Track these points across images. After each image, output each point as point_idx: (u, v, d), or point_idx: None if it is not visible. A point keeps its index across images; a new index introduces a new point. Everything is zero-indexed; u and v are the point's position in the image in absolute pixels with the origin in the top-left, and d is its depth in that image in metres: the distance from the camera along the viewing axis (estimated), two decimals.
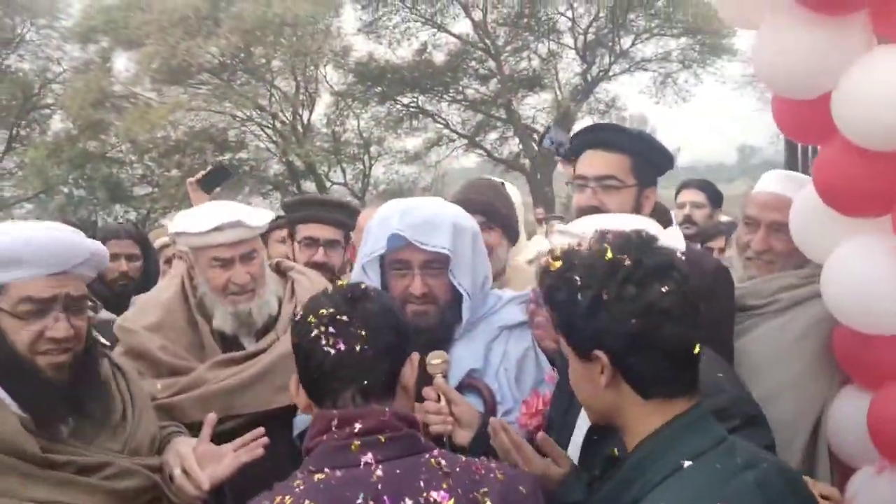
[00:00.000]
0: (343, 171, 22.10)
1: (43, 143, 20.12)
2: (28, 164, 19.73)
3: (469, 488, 1.40)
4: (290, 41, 18.65)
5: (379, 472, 1.38)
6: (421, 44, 21.85)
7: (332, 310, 1.49)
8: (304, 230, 2.99)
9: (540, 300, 2.23)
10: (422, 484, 1.38)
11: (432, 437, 1.87)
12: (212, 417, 2.04)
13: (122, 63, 20.47)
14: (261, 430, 2.01)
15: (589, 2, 20.80)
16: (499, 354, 2.18)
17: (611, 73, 22.34)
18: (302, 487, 1.37)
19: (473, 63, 22.27)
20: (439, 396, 1.97)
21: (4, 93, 20.52)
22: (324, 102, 21.71)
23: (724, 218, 4.34)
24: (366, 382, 1.47)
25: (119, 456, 1.86)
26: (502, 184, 3.34)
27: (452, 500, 1.37)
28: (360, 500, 1.33)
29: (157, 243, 3.87)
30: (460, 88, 22.52)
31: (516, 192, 3.31)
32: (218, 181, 3.32)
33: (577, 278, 1.37)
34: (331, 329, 1.47)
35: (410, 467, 1.40)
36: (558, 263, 1.41)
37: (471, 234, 2.17)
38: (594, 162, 2.35)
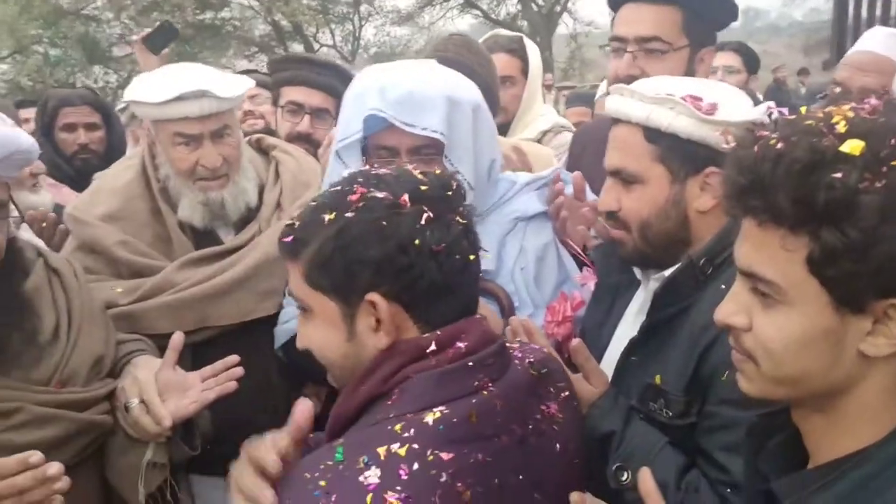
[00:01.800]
0: (332, 32, 21.11)
1: None
2: None
3: (547, 384, 1.22)
4: None
5: (497, 400, 1.12)
6: None
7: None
8: (289, 93, 2.54)
9: (566, 181, 1.92)
10: (531, 398, 1.17)
11: None
12: (178, 338, 1.69)
13: None
14: (235, 358, 1.69)
15: None
16: (514, 251, 1.85)
17: None
18: (413, 431, 1.04)
19: None
20: None
21: None
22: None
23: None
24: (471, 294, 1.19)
25: (40, 390, 1.53)
26: (521, 38, 2.95)
27: (555, 404, 1.19)
28: (491, 433, 1.08)
29: (124, 116, 3.47)
30: None
31: (536, 51, 2.90)
32: (166, 40, 2.95)
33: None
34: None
35: (516, 384, 1.16)
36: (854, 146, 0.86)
37: (470, 109, 1.77)
38: (634, 18, 1.95)
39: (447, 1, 21.88)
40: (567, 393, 1.29)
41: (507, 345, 1.26)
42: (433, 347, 1.12)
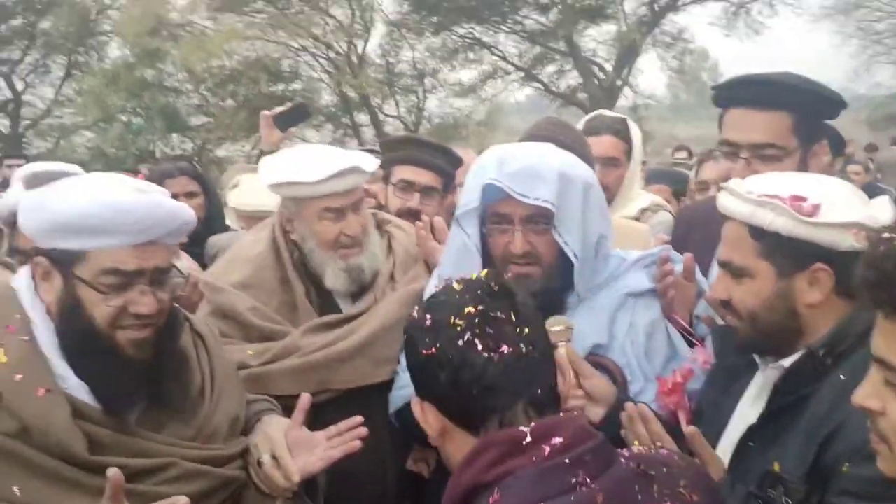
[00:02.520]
0: (396, 103, 21.73)
1: (101, 71, 20.16)
2: (87, 92, 19.83)
3: (671, 484, 1.19)
4: None
5: (598, 495, 1.12)
6: None
7: (480, 307, 1.22)
8: (401, 172, 2.72)
9: (674, 261, 2.00)
10: (639, 496, 1.15)
11: None
12: (306, 400, 1.81)
13: None
14: (358, 419, 1.79)
15: None
16: (624, 325, 1.94)
17: (679, 3, 21.21)
18: None
19: None
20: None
21: (62, 19, 20.53)
22: (379, 33, 21.26)
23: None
24: (539, 391, 1.22)
25: (189, 446, 1.64)
26: (624, 119, 3.06)
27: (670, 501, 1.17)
28: None
29: (230, 189, 3.68)
30: (519, 19, 21.71)
31: (638, 133, 3.01)
32: (296, 120, 3.11)
33: None
34: (488, 330, 1.20)
35: (621, 480, 1.17)
36: None
37: (581, 186, 1.91)
38: (746, 124, 1.98)
39: (508, 74, 22.43)
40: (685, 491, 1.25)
41: (637, 450, 1.28)
42: (529, 439, 1.15)
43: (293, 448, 1.73)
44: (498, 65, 22.15)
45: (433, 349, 1.22)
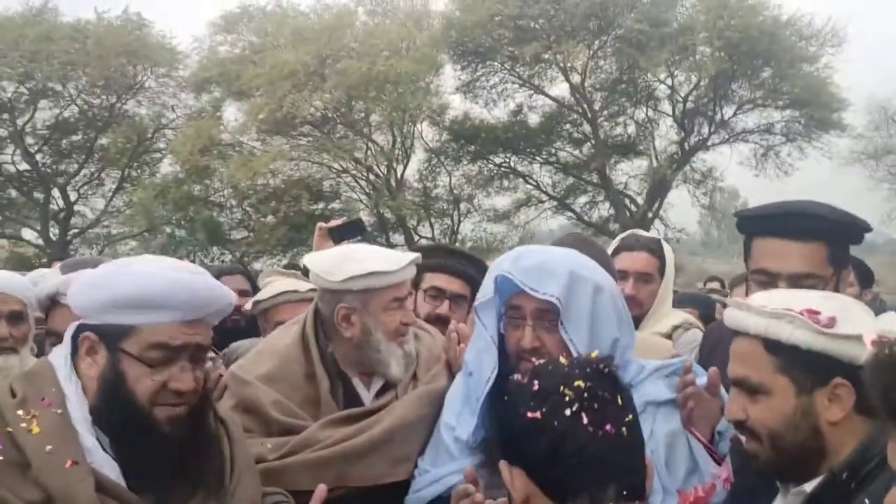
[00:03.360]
0: (431, 225, 22.26)
1: (151, 185, 21.12)
2: (136, 204, 20.72)
3: None
4: (389, 97, 19.13)
5: None
6: (517, 105, 22.05)
7: (589, 384, 1.23)
8: (433, 279, 2.81)
9: (697, 374, 2.00)
10: None
11: None
12: (322, 491, 1.83)
13: (232, 113, 21.54)
14: None
15: (690, 70, 20.53)
16: (644, 435, 1.94)
17: (709, 143, 21.85)
18: None
19: (568, 126, 22.26)
20: None
21: (121, 136, 21.77)
22: (417, 158, 22.12)
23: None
24: (632, 479, 1.21)
25: None
26: (660, 241, 3.13)
27: None
28: None
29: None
30: (553, 151, 22.51)
31: (671, 253, 3.09)
32: (352, 234, 3.21)
33: None
34: (595, 406, 1.21)
35: None
36: None
37: (591, 287, 1.94)
38: (784, 254, 1.98)
39: (542, 203, 22.96)
40: None
41: None
42: None
43: None
44: (532, 193, 22.80)
45: (538, 413, 1.21)
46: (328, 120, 20.49)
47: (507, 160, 22.40)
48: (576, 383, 1.22)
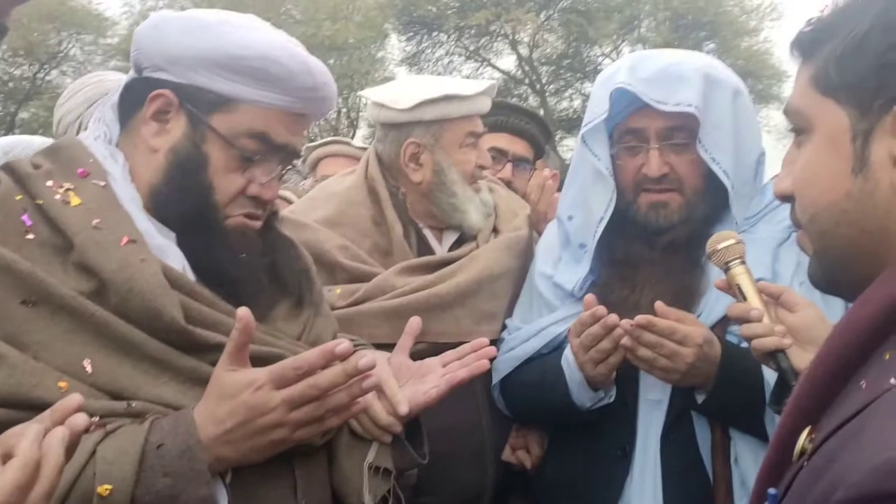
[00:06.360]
0: None
1: None
2: None
3: None
4: (336, 64, 18.57)
5: None
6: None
7: None
8: (493, 139, 2.38)
9: None
10: None
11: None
12: (416, 322, 1.47)
13: None
14: (483, 340, 1.42)
15: (635, 42, 20.61)
16: (790, 263, 1.61)
17: None
18: None
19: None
20: (744, 296, 1.42)
21: (43, 108, 20.54)
22: (362, 133, 21.60)
23: None
24: None
25: (297, 344, 1.28)
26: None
27: None
28: None
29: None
30: None
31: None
32: None
33: None
34: None
35: None
36: None
37: (730, 91, 1.65)
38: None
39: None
40: None
41: None
42: None
43: (398, 376, 1.36)
44: None
45: None
46: None
47: None
48: None
